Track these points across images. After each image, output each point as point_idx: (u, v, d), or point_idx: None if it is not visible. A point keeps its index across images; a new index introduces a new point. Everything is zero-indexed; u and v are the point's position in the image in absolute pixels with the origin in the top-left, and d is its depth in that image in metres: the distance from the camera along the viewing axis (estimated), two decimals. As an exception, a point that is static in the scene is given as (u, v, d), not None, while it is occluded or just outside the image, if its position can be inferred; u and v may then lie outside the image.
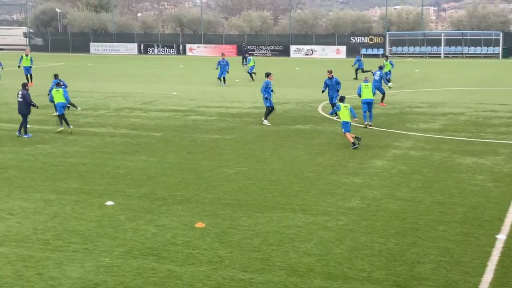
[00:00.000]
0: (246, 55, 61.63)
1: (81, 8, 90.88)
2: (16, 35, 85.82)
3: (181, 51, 79.05)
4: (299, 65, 61.56)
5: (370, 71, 43.01)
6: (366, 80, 25.17)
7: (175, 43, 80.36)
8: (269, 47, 77.85)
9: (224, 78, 41.05)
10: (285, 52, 76.86)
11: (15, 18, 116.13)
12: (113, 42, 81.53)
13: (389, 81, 37.47)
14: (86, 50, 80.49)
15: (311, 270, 10.49)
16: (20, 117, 22.63)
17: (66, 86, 24.82)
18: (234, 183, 16.11)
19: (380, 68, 30.62)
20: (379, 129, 24.13)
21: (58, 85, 24.42)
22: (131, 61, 64.22)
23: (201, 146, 20.83)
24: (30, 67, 40.78)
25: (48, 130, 23.71)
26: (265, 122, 25.14)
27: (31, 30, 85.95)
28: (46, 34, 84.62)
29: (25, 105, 22.29)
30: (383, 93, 30.67)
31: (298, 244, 11.70)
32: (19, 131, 22.41)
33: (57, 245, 11.64)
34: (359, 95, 24.71)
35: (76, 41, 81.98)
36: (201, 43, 79.91)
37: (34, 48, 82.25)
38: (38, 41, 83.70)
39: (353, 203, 14.32)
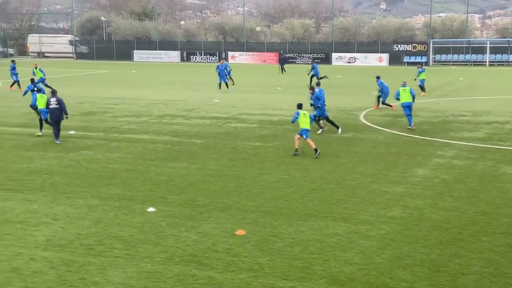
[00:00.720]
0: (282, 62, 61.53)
1: (125, 17, 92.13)
2: (62, 43, 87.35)
3: (223, 59, 79.61)
4: (341, 73, 61.29)
5: (325, 76, 44.54)
6: (404, 84, 25.89)
7: (217, 50, 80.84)
8: (310, 55, 77.70)
9: (226, 83, 40.79)
10: (327, 60, 76.62)
11: (62, 26, 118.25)
12: (156, 49, 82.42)
13: (422, 89, 37.54)
14: (130, 57, 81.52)
15: (352, 279, 10.40)
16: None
17: (42, 91, 26.00)
18: (275, 190, 16.10)
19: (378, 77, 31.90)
20: (421, 137, 23.85)
21: (39, 90, 25.74)
22: (173, 69, 64.82)
23: (242, 154, 20.87)
24: (44, 78, 40.32)
25: (92, 136, 24.06)
26: (339, 131, 24.56)
27: (76, 38, 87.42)
28: (91, 42, 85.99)
29: (60, 111, 22.62)
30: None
31: (339, 252, 11.62)
32: (57, 138, 22.70)
33: (100, 250, 11.78)
34: (398, 99, 25.60)
35: (120, 49, 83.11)
36: (243, 51, 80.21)
37: (80, 55, 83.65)
38: (83, 48, 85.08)
39: (394, 212, 14.17)
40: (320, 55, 77.42)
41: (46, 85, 37.39)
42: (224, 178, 17.47)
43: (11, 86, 41.72)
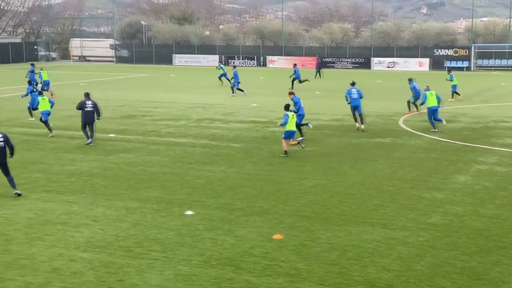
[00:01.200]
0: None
1: (165, 21, 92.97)
2: (103, 47, 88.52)
3: (261, 63, 79.60)
4: (381, 77, 60.82)
5: (306, 80, 45.43)
6: (428, 89, 26.87)
7: (256, 54, 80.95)
8: (350, 59, 77.29)
9: (238, 89, 41.49)
10: (366, 65, 76.12)
11: (103, 30, 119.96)
12: (195, 53, 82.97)
13: (454, 95, 37.17)
14: (169, 61, 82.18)
15: (390, 286, 10.29)
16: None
17: (37, 91, 28.52)
18: (312, 195, 16.04)
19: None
20: (462, 143, 23.52)
21: (40, 93, 26.77)
22: (212, 73, 65.02)
23: (280, 158, 20.85)
24: (48, 81, 40.49)
25: (131, 139, 24.31)
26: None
27: (117, 42, 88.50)
28: (132, 46, 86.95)
29: (94, 114, 23.05)
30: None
31: (377, 259, 11.52)
32: (91, 138, 23.02)
33: (138, 252, 11.88)
34: (424, 103, 26.60)
35: (159, 53, 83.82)
36: (281, 55, 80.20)
37: (120, 59, 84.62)
38: (124, 52, 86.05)
39: (434, 219, 13.98)
40: (360, 60, 76.96)
41: (43, 89, 36.46)
42: (261, 182, 17.48)
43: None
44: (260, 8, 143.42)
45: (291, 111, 21.91)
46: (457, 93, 38.23)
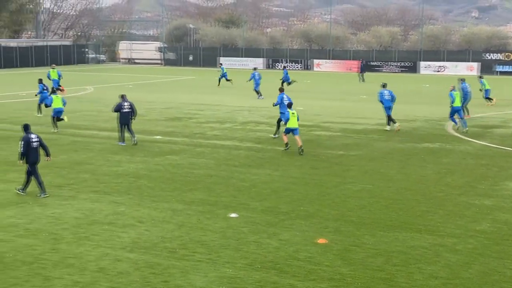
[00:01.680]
0: (360, 70, 60.79)
1: (212, 24, 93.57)
2: (151, 49, 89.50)
3: (307, 67, 79.41)
4: (429, 82, 59.99)
5: (295, 81, 45.54)
6: (454, 89, 27.55)
7: (302, 58, 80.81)
8: (397, 63, 76.49)
9: (254, 89, 42.03)
10: (414, 69, 75.20)
11: (151, 33, 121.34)
12: (241, 57, 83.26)
13: (489, 99, 36.50)
14: (215, 64, 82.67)
15: (437, 294, 10.10)
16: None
17: (48, 90, 30.78)
18: (358, 200, 15.89)
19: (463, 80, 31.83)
20: (513, 149, 23.01)
21: (54, 92, 28.18)
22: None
23: (325, 162, 20.73)
24: (58, 80, 40.78)
25: (177, 141, 24.49)
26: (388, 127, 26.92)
27: (165, 45, 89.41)
28: (179, 48, 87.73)
29: (130, 115, 23.43)
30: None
31: (424, 265, 11.33)
32: (134, 137, 23.49)
33: (183, 254, 11.94)
34: (453, 102, 27.10)
35: (206, 56, 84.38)
36: (328, 59, 79.89)
37: (168, 62, 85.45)
38: (171, 55, 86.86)
39: (483, 226, 13.69)
40: (407, 64, 76.09)
41: (58, 88, 36.45)
42: (306, 186, 17.40)
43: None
44: (307, 11, 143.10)
45: (291, 109, 22.64)
46: (489, 99, 37.43)
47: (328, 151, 22.57)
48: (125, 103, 23.44)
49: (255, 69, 44.44)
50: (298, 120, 22.44)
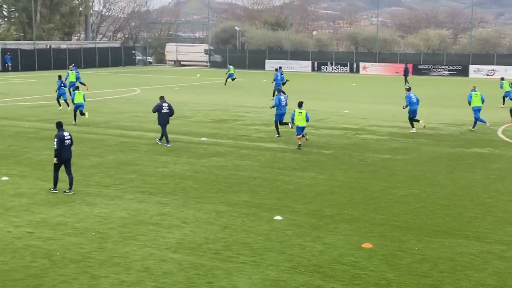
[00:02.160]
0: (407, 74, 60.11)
1: (259, 26, 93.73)
2: (197, 52, 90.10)
3: (354, 69, 78.91)
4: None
5: (287, 80, 44.18)
6: (475, 89, 28.73)
7: (349, 61, 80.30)
8: (446, 67, 75.36)
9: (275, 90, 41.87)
10: (464, 72, 73.97)
11: (197, 35, 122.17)
12: (287, 59, 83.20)
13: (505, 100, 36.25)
14: (262, 66, 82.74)
15: (485, 302, 9.91)
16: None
17: (65, 86, 34.71)
18: (404, 205, 15.70)
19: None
20: None
21: (77, 88, 30.39)
22: (304, 78, 65.01)
23: (371, 166, 20.55)
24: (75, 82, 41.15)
25: (222, 143, 24.60)
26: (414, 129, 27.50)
27: (211, 47, 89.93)
28: (225, 51, 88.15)
29: (169, 116, 23.85)
30: None
31: (471, 272, 11.12)
32: (161, 139, 23.96)
33: (227, 255, 11.98)
34: (470, 103, 28.13)
35: (252, 58, 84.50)
36: (375, 62, 79.21)
37: (214, 64, 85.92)
38: (217, 57, 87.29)
39: (533, 234, 13.38)
40: (457, 67, 74.94)
41: (81, 82, 39.12)
42: (351, 190, 17.27)
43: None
44: (354, 14, 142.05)
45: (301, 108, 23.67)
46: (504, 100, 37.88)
47: (374, 155, 22.37)
48: (164, 104, 23.89)
49: (277, 69, 44.70)
50: (307, 120, 23.37)
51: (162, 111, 23.74)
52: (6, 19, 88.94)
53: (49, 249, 12.28)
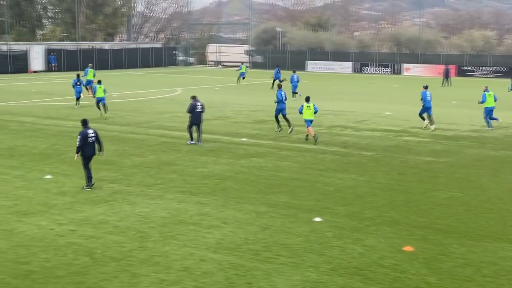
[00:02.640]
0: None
1: (300, 27, 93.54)
2: (238, 52, 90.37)
3: (396, 71, 78.17)
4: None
5: (285, 80, 45.04)
6: (487, 89, 29.45)
7: (391, 62, 79.57)
8: (491, 68, 74.13)
9: (292, 91, 42.66)
10: (509, 74, 72.26)
11: (238, 36, 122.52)
12: (329, 60, 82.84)
13: None
14: (303, 67, 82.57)
15: (529, 309, 9.70)
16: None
17: (82, 83, 36.83)
18: (446, 208, 15.48)
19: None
20: None
21: (99, 82, 32.97)
22: (345, 80, 64.70)
23: (413, 168, 20.32)
24: (92, 80, 41.54)
25: (263, 144, 24.60)
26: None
27: (252, 48, 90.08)
28: (266, 52, 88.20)
29: (202, 115, 24.26)
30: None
31: (515, 278, 10.90)
32: (199, 139, 24.28)
33: (266, 256, 11.97)
34: (483, 102, 29.15)
35: (293, 59, 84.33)
36: (418, 63, 78.33)
37: (254, 65, 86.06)
38: (258, 58, 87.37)
39: None
40: (502, 69, 73.65)
41: (99, 81, 38.70)
42: (393, 192, 17.10)
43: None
44: (397, 14, 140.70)
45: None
46: None
47: (416, 157, 22.11)
48: (198, 104, 24.22)
49: (294, 71, 45.48)
50: (316, 111, 25.38)
51: (196, 110, 24.04)
52: (51, 20, 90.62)
53: (91, 247, 12.44)
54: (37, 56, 68.45)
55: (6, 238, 12.97)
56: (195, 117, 24.08)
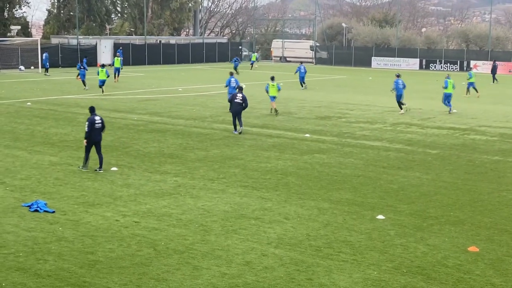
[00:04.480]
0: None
1: (366, 23, 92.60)
2: (303, 48, 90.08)
3: (464, 68, 76.47)
4: None
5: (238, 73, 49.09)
6: (449, 77, 33.68)
7: (459, 59, 77.88)
8: None
9: (302, 83, 46.55)
10: None
11: (304, 32, 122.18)
12: (394, 57, 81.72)
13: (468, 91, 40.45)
14: (368, 64, 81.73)
15: None
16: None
17: (86, 69, 42.15)
18: (514, 209, 15.08)
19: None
20: None
21: (103, 66, 39.87)
22: (411, 76, 63.66)
23: (479, 167, 19.87)
24: (119, 68, 48.53)
25: (326, 140, 24.50)
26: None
27: (317, 44, 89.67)
28: (331, 47, 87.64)
29: (242, 107, 25.22)
30: None
31: None
32: (241, 127, 25.23)
33: (328, 253, 11.93)
34: (445, 88, 32.99)
35: (358, 55, 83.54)
36: (487, 60, 76.45)
37: (319, 61, 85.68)
38: (323, 54, 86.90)
39: None
40: None
41: (103, 65, 43.32)
42: (458, 191, 16.78)
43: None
44: (466, 10, 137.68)
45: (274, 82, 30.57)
46: (475, 89, 42.43)
47: (483, 156, 21.62)
48: (239, 95, 25.43)
49: (301, 63, 49.48)
50: (279, 89, 30.60)
51: (235, 100, 25.29)
52: (119, 15, 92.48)
53: (154, 239, 12.66)
54: (105, 50, 69.99)
55: (72, 228, 13.34)
56: (234, 107, 25.37)
